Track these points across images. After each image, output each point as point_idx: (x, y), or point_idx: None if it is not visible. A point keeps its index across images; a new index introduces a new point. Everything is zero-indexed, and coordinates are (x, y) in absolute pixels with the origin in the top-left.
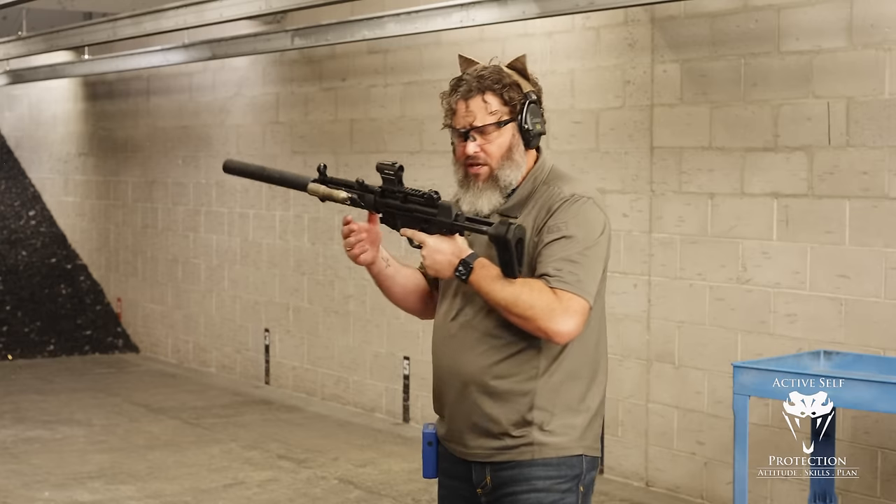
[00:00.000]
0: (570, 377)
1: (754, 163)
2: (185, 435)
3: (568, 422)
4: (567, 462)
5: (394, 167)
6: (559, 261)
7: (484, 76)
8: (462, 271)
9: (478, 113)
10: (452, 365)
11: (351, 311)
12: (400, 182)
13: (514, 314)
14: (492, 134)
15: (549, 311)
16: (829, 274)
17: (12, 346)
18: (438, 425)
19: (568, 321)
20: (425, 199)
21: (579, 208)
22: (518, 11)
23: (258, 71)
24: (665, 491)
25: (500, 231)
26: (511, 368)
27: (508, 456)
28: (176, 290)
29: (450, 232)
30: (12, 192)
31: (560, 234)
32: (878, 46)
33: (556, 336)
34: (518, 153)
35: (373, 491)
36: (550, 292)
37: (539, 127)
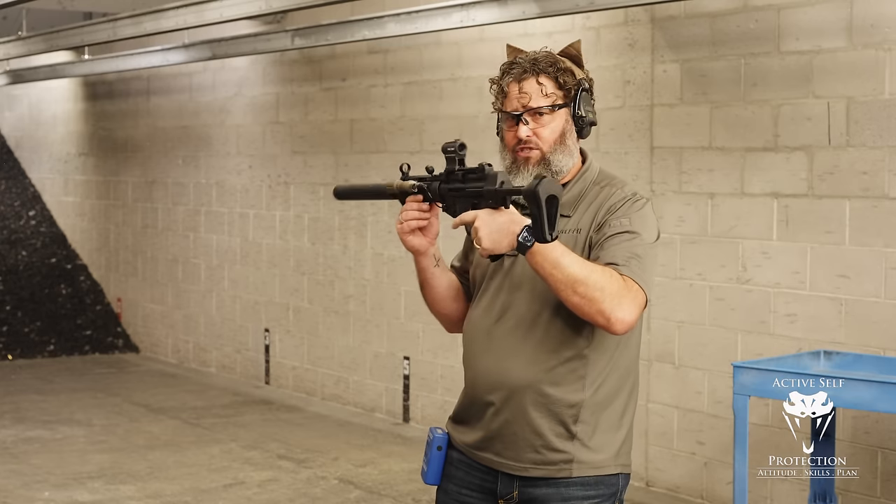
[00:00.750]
0: (615, 390)
1: (754, 163)
2: (185, 435)
3: (608, 438)
4: (605, 480)
5: (455, 144)
6: (626, 252)
7: (538, 59)
8: (527, 236)
9: (532, 94)
10: (495, 369)
11: (351, 311)
12: (461, 161)
13: (579, 293)
14: (545, 117)
15: (618, 296)
16: (829, 274)
17: (12, 346)
18: (461, 432)
19: (633, 311)
20: (478, 172)
21: (641, 208)
22: (518, 11)
23: (258, 71)
24: (665, 491)
25: (530, 186)
26: (561, 377)
27: (545, 472)
28: (176, 290)
29: (498, 202)
30: (12, 192)
31: (625, 228)
32: (878, 46)
33: (617, 323)
34: (571, 139)
35: (373, 491)
36: (620, 279)
37: (591, 116)
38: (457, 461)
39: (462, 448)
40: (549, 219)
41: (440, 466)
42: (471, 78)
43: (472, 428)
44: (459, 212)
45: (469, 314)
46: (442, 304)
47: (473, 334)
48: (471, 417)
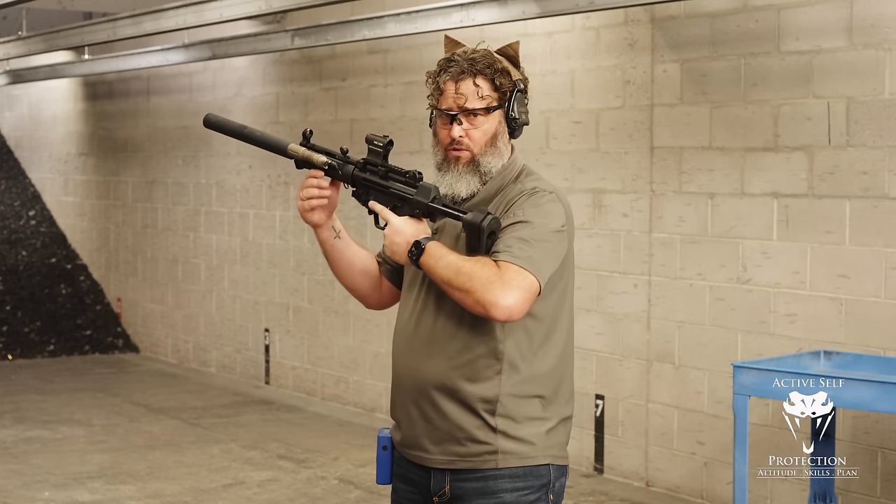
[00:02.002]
0: (538, 382)
1: (754, 163)
2: (185, 435)
3: (533, 430)
4: (533, 472)
5: (384, 140)
6: (510, 239)
7: (476, 59)
8: (414, 251)
9: (468, 96)
10: (413, 367)
11: (351, 311)
12: (386, 157)
13: (454, 287)
14: (479, 119)
15: (489, 282)
16: (829, 274)
17: (12, 346)
18: (394, 430)
19: (508, 294)
20: (407, 178)
21: (539, 199)
22: (518, 11)
23: (258, 71)
24: (665, 491)
25: (476, 218)
26: (474, 372)
27: (471, 464)
28: (176, 290)
29: (423, 214)
30: (12, 192)
31: (517, 219)
32: (878, 46)
33: (493, 308)
34: (502, 141)
35: (373, 491)
36: (494, 265)
37: (524, 117)
38: (398, 459)
39: (396, 446)
40: (487, 251)
41: (388, 466)
42: None
43: (401, 426)
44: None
45: (398, 309)
46: (349, 278)
47: (397, 331)
48: (398, 416)
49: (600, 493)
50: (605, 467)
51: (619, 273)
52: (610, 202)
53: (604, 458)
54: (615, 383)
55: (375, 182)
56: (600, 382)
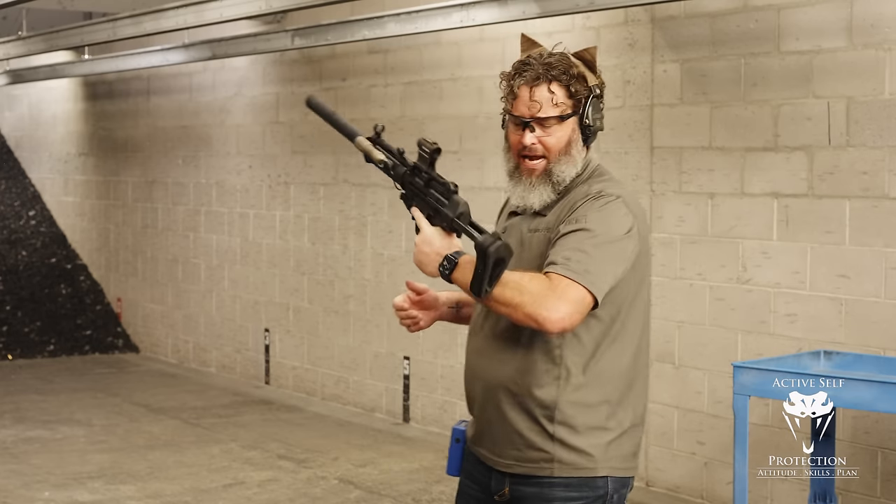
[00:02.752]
0: (599, 390)
1: (754, 163)
2: (185, 435)
3: (593, 440)
4: (590, 483)
5: (431, 147)
6: (569, 250)
7: (552, 64)
8: (446, 266)
9: (543, 103)
10: (479, 370)
11: (351, 311)
12: (432, 164)
13: (502, 303)
14: (553, 126)
15: (540, 297)
16: (829, 274)
17: (12, 346)
18: (469, 425)
19: (559, 307)
20: (442, 188)
21: (604, 205)
22: (518, 11)
23: (258, 71)
24: (665, 491)
25: (485, 241)
26: (533, 376)
27: (527, 469)
28: (176, 290)
29: (449, 228)
30: (12, 192)
31: (577, 227)
32: (878, 46)
33: (546, 323)
34: (576, 149)
35: (373, 491)
36: (545, 279)
37: (599, 123)
38: (467, 454)
39: (467, 442)
40: (490, 278)
41: (458, 458)
42: (471, 78)
43: (473, 422)
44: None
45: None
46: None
47: (469, 333)
48: (471, 412)
49: None
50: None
51: None
52: None
53: None
54: None
55: (419, 188)
56: None
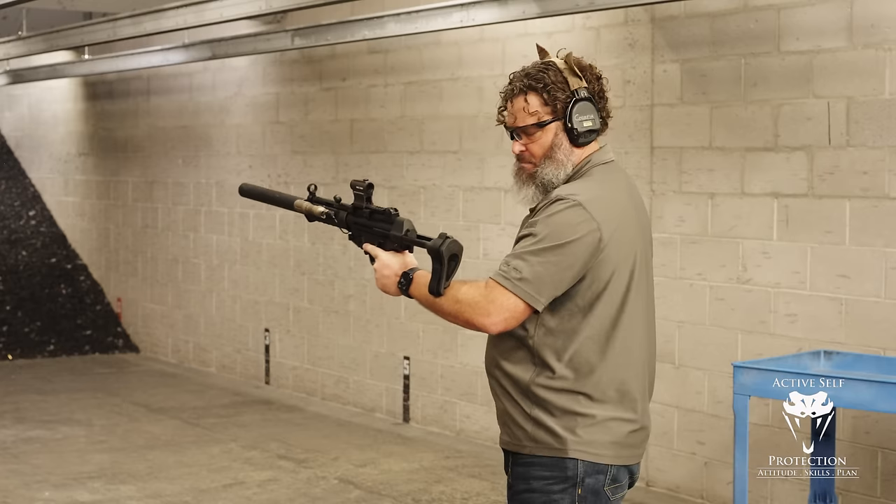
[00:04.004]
0: (573, 379)
1: (754, 163)
2: (185, 435)
3: (565, 423)
4: (560, 464)
5: (363, 184)
6: (511, 256)
7: (530, 74)
8: (402, 282)
9: (517, 114)
10: (487, 351)
11: (351, 311)
12: (369, 199)
13: (445, 312)
14: (535, 134)
15: (473, 305)
16: (829, 274)
17: (12, 346)
18: None
19: (492, 314)
20: (384, 215)
21: (557, 210)
22: (518, 11)
23: (258, 71)
24: (665, 491)
25: (435, 243)
26: (514, 363)
27: (514, 447)
28: (176, 290)
29: (401, 247)
30: (12, 192)
31: (526, 231)
32: (878, 46)
33: (484, 328)
34: (561, 152)
35: (373, 491)
36: (480, 286)
37: (589, 124)
38: None
39: None
40: (448, 275)
41: None
42: (471, 78)
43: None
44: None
45: None
46: None
47: None
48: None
49: None
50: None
51: None
52: None
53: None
54: None
55: (363, 224)
56: None
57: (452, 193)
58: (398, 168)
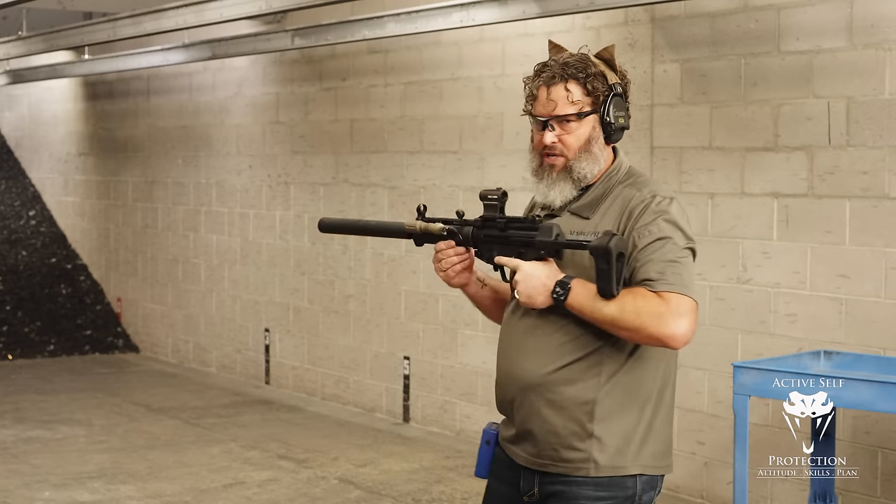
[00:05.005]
0: (636, 388)
1: (754, 163)
2: (185, 435)
3: (626, 438)
4: (619, 483)
5: (497, 193)
6: (659, 263)
7: (569, 63)
8: (560, 292)
9: (559, 102)
10: (515, 367)
11: (351, 311)
12: (502, 209)
13: (621, 328)
14: (571, 124)
15: (658, 317)
16: (829, 274)
17: (12, 346)
18: (504, 427)
19: (680, 323)
20: (525, 223)
21: (666, 208)
22: (518, 11)
23: (258, 71)
24: (665, 491)
25: (601, 243)
26: (574, 375)
27: (564, 469)
28: (176, 290)
29: (550, 253)
30: (12, 192)
31: (654, 237)
32: (878, 46)
33: (671, 341)
34: (597, 146)
35: (373, 491)
36: (656, 297)
37: (622, 121)
38: (497, 456)
39: (501, 443)
40: (618, 274)
41: (487, 460)
42: (471, 78)
43: (505, 422)
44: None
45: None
46: (496, 314)
47: (502, 333)
48: (502, 412)
49: None
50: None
51: None
52: None
53: None
54: None
55: (495, 236)
56: None
57: (452, 193)
58: (398, 168)
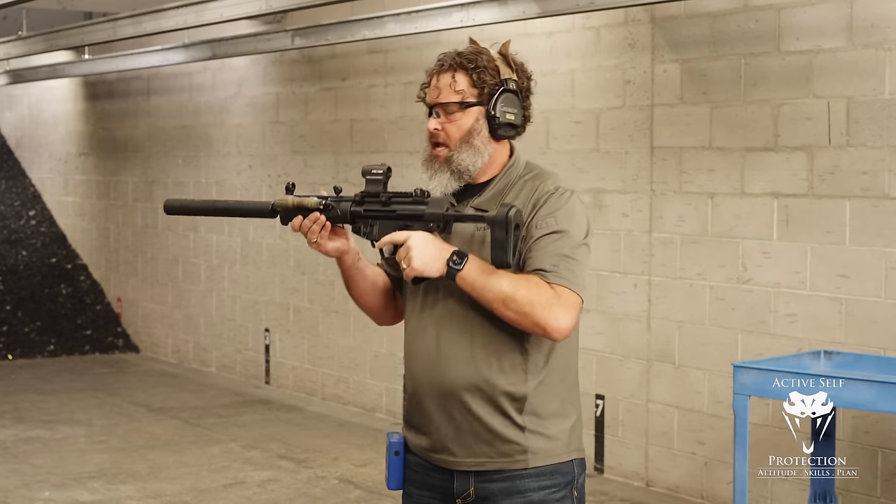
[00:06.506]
0: (557, 379)
1: (754, 163)
2: (185, 435)
3: (558, 427)
4: (560, 469)
5: (382, 167)
6: (554, 256)
7: (462, 54)
8: (457, 261)
9: (443, 90)
10: (436, 371)
11: (351, 311)
12: (385, 185)
13: (511, 309)
14: (455, 114)
15: (548, 307)
16: (829, 274)
17: (12, 346)
18: (413, 436)
19: (566, 317)
20: (414, 197)
21: (566, 202)
22: (518, 11)
23: (258, 71)
24: (665, 491)
25: (501, 213)
26: (503, 373)
27: (500, 465)
28: (176, 289)
29: (440, 227)
30: (12, 192)
31: (551, 229)
32: (878, 46)
33: (554, 332)
34: (479, 139)
35: (373, 491)
36: (548, 287)
37: (511, 117)
38: (414, 464)
39: (418, 452)
40: (514, 244)
41: (400, 471)
42: None
43: (424, 432)
44: (381, 234)
45: (406, 316)
46: (368, 297)
47: (411, 339)
48: (421, 422)
49: (600, 493)
50: (606, 467)
51: (619, 273)
52: (610, 202)
53: (604, 457)
54: (615, 383)
55: (377, 210)
56: (600, 382)
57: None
58: (398, 168)
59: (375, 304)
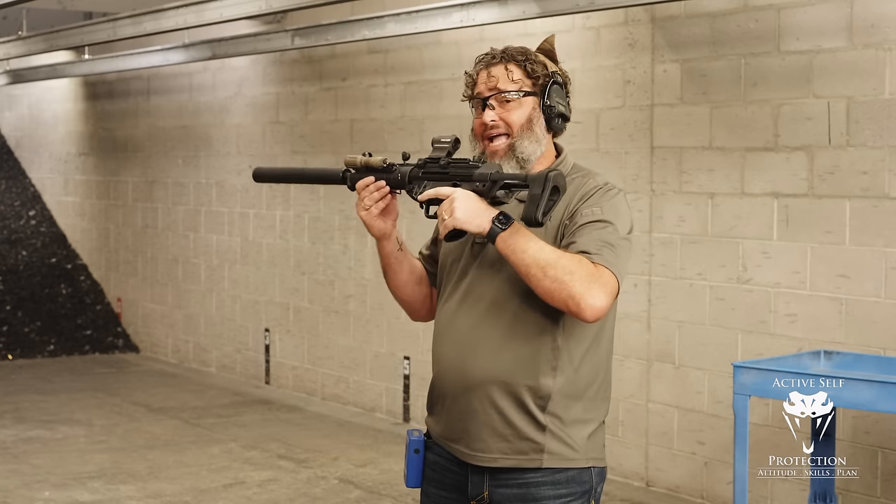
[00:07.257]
0: (586, 382)
1: (754, 163)
2: (185, 435)
3: (577, 433)
4: (577, 478)
5: (450, 138)
6: (598, 241)
7: (509, 48)
8: (503, 220)
9: (500, 79)
10: (463, 360)
11: (351, 311)
12: (450, 155)
13: (549, 276)
14: (512, 103)
15: (587, 281)
16: (829, 274)
17: (12, 346)
18: (433, 424)
19: (603, 297)
20: (471, 162)
21: (614, 197)
22: (518, 11)
23: (258, 71)
24: (665, 491)
25: (541, 173)
26: (531, 366)
27: (515, 461)
28: (176, 289)
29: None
30: (12, 192)
31: (597, 217)
32: (878, 46)
33: (586, 310)
34: (539, 127)
35: (373, 491)
36: (592, 265)
37: (562, 108)
38: (432, 463)
39: (437, 438)
40: (547, 204)
41: (419, 469)
42: None
43: (445, 419)
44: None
45: (438, 303)
46: (406, 289)
47: (441, 324)
48: (442, 409)
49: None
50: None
51: None
52: None
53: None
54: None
55: (433, 173)
56: None
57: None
58: None
59: (412, 296)
